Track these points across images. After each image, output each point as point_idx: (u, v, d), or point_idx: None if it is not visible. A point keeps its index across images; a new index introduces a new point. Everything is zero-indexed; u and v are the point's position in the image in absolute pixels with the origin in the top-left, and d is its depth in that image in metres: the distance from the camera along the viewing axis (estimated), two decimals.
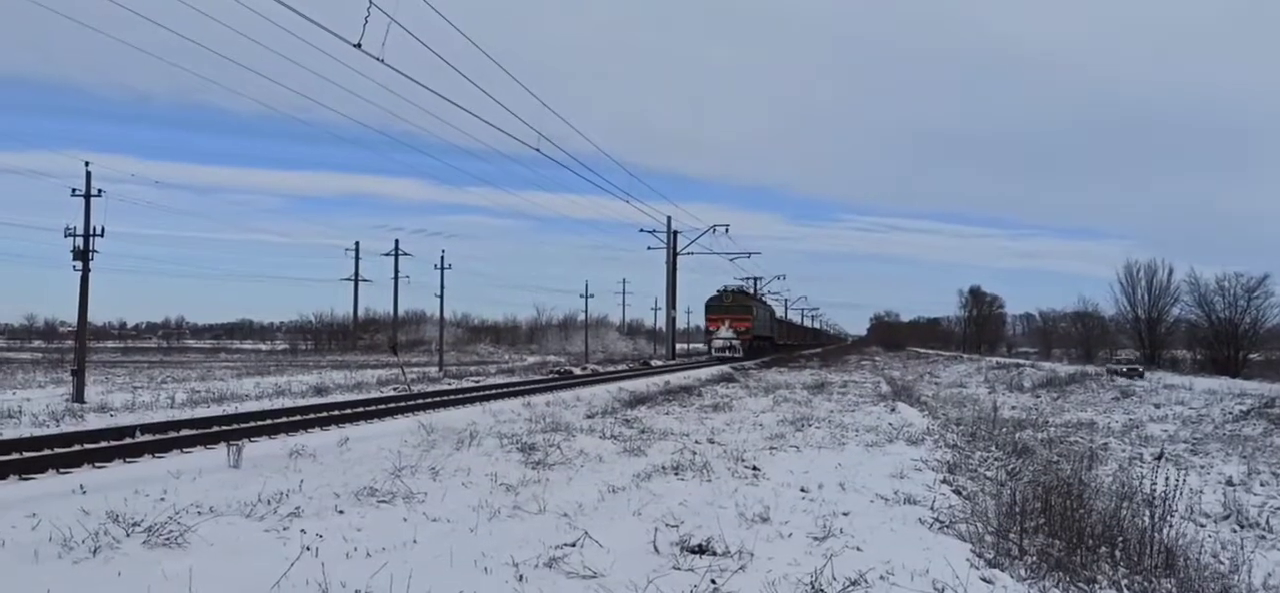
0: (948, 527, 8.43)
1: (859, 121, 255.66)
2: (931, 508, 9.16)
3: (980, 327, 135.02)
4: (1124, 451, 20.50)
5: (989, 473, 12.50)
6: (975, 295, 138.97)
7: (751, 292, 74.41)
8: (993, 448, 15.67)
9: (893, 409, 21.46)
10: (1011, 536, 8.09)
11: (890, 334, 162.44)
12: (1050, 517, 8.66)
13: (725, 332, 61.79)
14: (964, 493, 10.60)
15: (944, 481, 11.11)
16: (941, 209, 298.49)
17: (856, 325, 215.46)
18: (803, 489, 10.14)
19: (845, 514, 8.72)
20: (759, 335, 67.99)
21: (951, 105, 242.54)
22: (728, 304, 63.82)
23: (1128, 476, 14.61)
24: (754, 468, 11.54)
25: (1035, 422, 24.70)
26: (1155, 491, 9.07)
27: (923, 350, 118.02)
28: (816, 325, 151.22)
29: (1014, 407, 30.63)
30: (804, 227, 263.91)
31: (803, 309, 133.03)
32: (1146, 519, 8.66)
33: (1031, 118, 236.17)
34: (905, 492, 10.03)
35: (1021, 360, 70.93)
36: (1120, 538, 8.35)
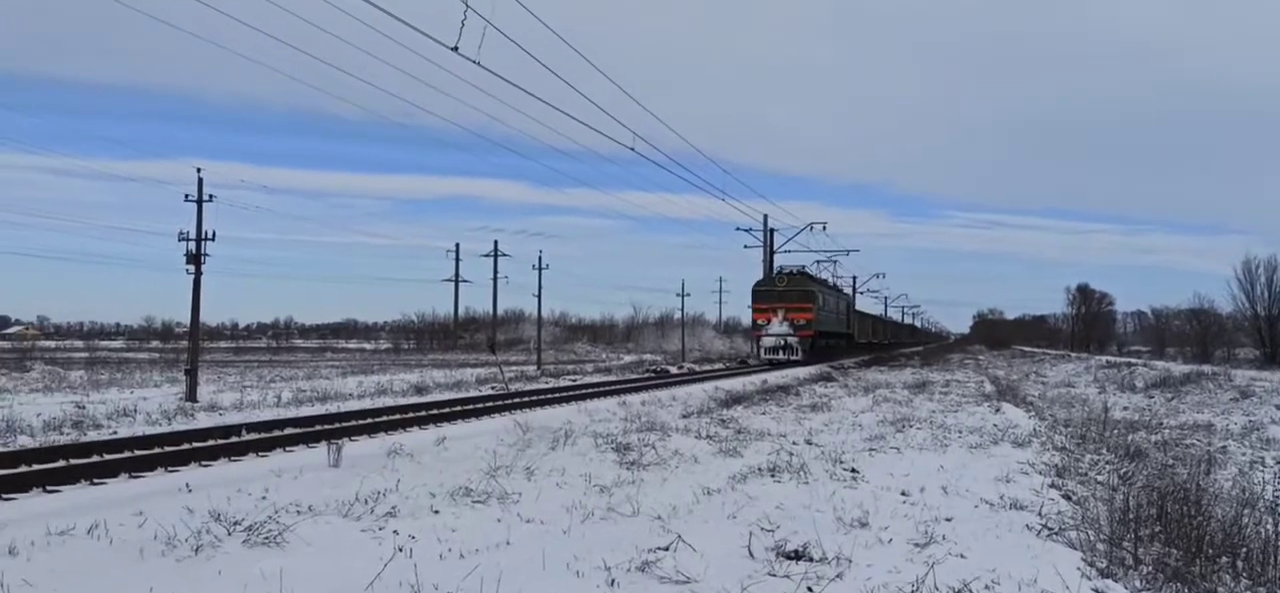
0: (1057, 534, 8.06)
1: (959, 114, 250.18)
2: (1039, 514, 8.78)
3: (1089, 325, 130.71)
4: (1244, 455, 19.50)
5: (1100, 478, 11.98)
6: (1083, 292, 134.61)
7: (817, 275, 59.48)
8: (1104, 451, 15.05)
9: (997, 410, 20.83)
10: (1125, 544, 7.70)
11: (994, 333, 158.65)
12: (1166, 524, 8.23)
13: (778, 327, 49.64)
14: (1074, 498, 10.15)
15: (1052, 485, 10.66)
16: (1047, 204, 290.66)
17: (959, 324, 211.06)
18: (903, 493, 9.84)
19: (948, 520, 8.42)
20: (827, 331, 54.98)
21: (1055, 95, 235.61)
22: (782, 290, 51.19)
23: (1249, 481, 13.88)
24: (852, 471, 11.27)
25: (1148, 424, 23.70)
26: (1279, 497, 8.56)
27: (1028, 349, 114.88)
28: (915, 324, 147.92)
29: (1125, 408, 29.48)
30: (905, 222, 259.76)
31: (903, 307, 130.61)
32: (1270, 528, 8.18)
33: (1141, 107, 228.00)
34: (1011, 497, 9.64)
35: (1133, 360, 68.37)
36: (1243, 547, 7.90)
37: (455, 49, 17.88)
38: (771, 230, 59.91)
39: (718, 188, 50.21)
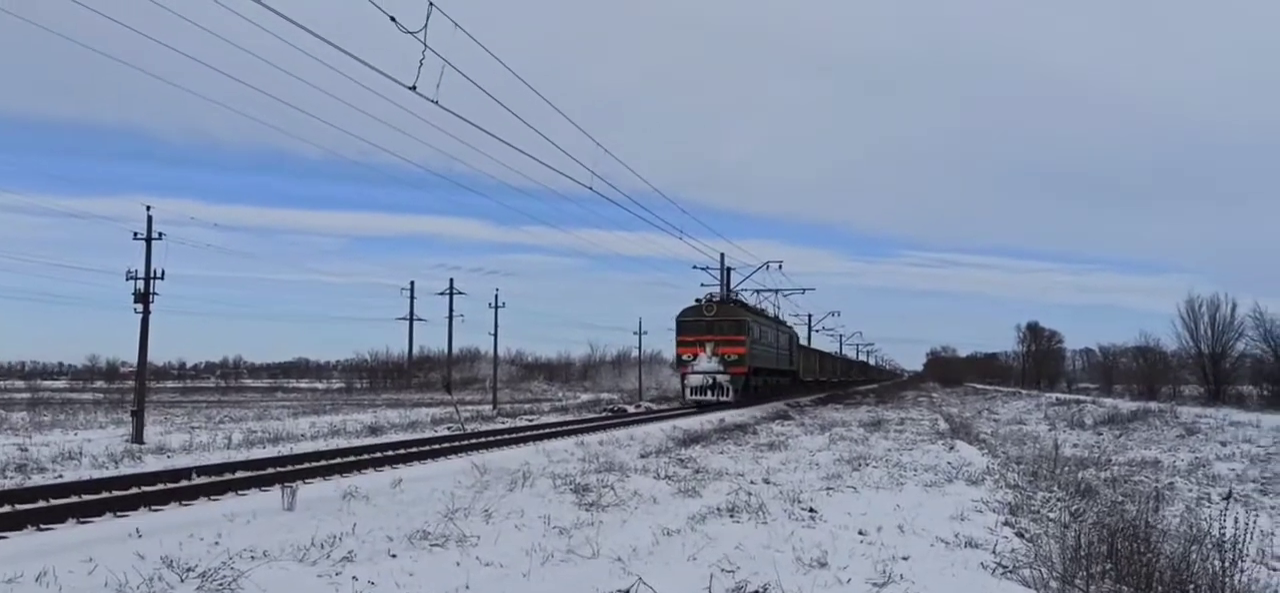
0: (1011, 572, 8.17)
1: (911, 154, 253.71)
2: (994, 552, 8.89)
3: (1039, 362, 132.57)
4: (1191, 491, 19.85)
5: (1052, 515, 12.15)
6: (1033, 330, 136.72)
7: (752, 305, 52.71)
8: (1055, 488, 15.26)
9: (951, 448, 21.06)
10: (1077, 582, 7.81)
11: (947, 370, 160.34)
12: (1117, 561, 8.36)
13: (706, 363, 42.63)
14: (1027, 536, 10.29)
15: (1006, 523, 10.80)
16: (998, 243, 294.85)
17: (913, 362, 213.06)
18: (861, 532, 9.92)
19: (905, 559, 8.50)
20: (764, 368, 48.55)
21: (1004, 135, 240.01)
22: (711, 320, 43.74)
23: (1196, 517, 14.12)
24: (811, 510, 11.33)
25: (1098, 460, 24.06)
26: (1225, 533, 8.73)
27: (981, 387, 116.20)
28: (867, 361, 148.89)
29: (1075, 445, 29.90)
30: (860, 262, 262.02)
31: (858, 344, 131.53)
32: (1217, 564, 8.33)
33: (1090, 151, 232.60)
34: (966, 535, 9.76)
35: (1082, 397, 69.47)
36: (1191, 584, 8.04)
37: (413, 88, 17.90)
38: (728, 269, 60.30)
39: (675, 227, 50.09)
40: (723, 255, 59.33)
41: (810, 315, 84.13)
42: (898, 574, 7.85)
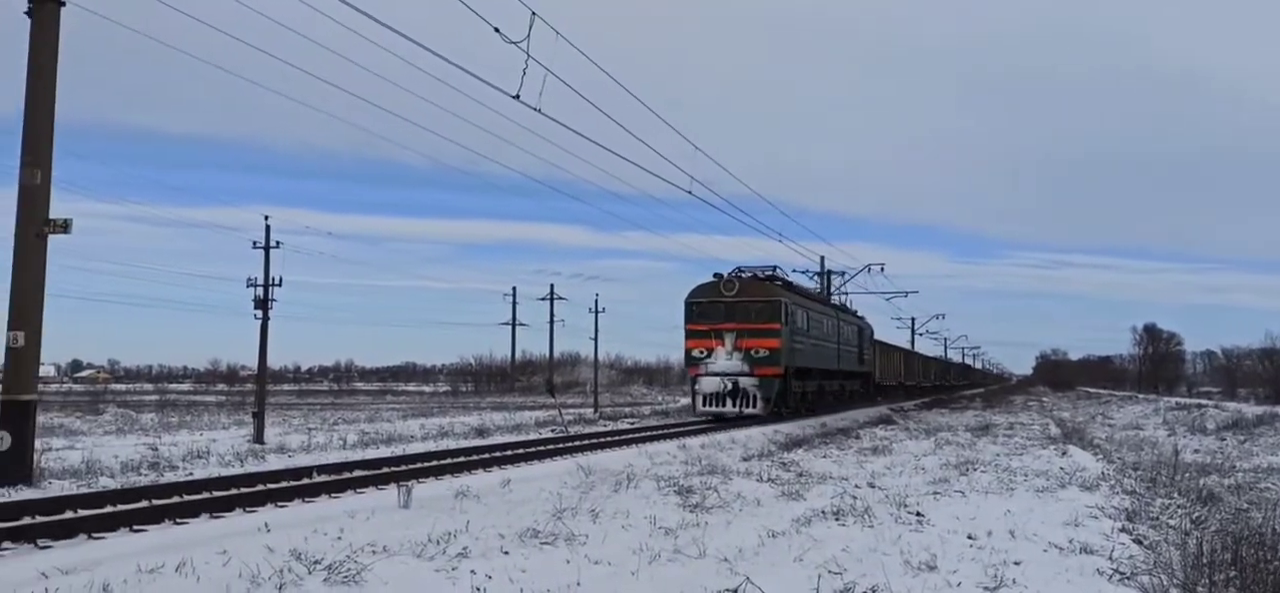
0: (1128, 579, 8.00)
1: (1020, 151, 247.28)
2: (1110, 558, 8.70)
3: (1156, 365, 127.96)
4: None
5: (1172, 522, 11.78)
6: (1150, 332, 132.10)
7: (801, 285, 40.25)
8: (1175, 495, 14.77)
9: (1063, 453, 20.54)
10: (1199, 589, 7.61)
11: (1057, 374, 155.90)
12: (1242, 570, 8.10)
13: (723, 360, 31.27)
14: (1145, 543, 10.02)
15: (1122, 529, 10.54)
16: (1111, 242, 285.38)
17: (1021, 365, 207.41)
18: (970, 537, 9.80)
19: (1017, 564, 8.38)
20: (814, 369, 36.57)
21: (1119, 131, 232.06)
22: (731, 302, 31.92)
23: None
24: (918, 514, 11.23)
25: (1221, 467, 23.14)
26: None
27: (1093, 391, 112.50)
28: (969, 364, 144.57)
29: (1196, 450, 28.79)
30: (965, 263, 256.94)
31: (963, 348, 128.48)
32: None
33: (1208, 142, 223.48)
34: (1081, 541, 9.55)
35: (1203, 401, 66.69)
36: None
37: (517, 97, 18.31)
38: (828, 272, 59.56)
39: (775, 230, 49.46)
40: (823, 258, 58.53)
41: (914, 319, 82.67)
42: (1010, 579, 7.75)
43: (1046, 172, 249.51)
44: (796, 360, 33.38)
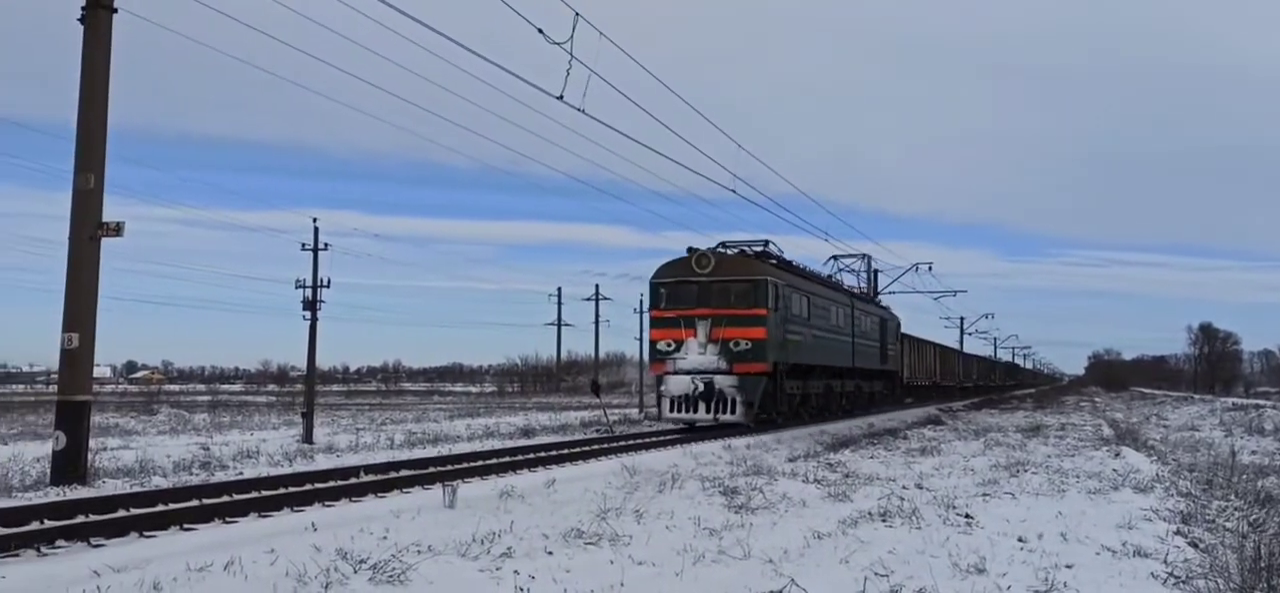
0: (1184, 582, 7.81)
1: (1072, 148, 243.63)
2: (1165, 562, 8.50)
3: (1213, 365, 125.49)
4: None
5: (1228, 525, 11.49)
6: (1206, 331, 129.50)
7: (796, 263, 31.71)
8: (1232, 497, 14.42)
9: (1117, 454, 20.16)
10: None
11: (1110, 374, 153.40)
12: None
13: (695, 354, 25.52)
14: (1201, 546, 9.78)
15: (1177, 532, 10.30)
16: (1166, 239, 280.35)
17: (1073, 365, 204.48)
18: (1021, 539, 9.63)
19: (1068, 567, 8.21)
20: (815, 365, 30.32)
21: (1174, 128, 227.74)
22: (705, 282, 26.06)
23: None
24: (966, 516, 11.07)
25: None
26: None
27: (1147, 391, 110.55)
28: (1018, 363, 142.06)
29: (1254, 452, 28.09)
30: (1015, 262, 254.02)
31: (1013, 347, 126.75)
32: None
33: (1269, 140, 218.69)
34: (1134, 544, 9.35)
35: (1261, 402, 65.22)
36: None
37: (561, 98, 18.36)
38: (876, 271, 58.78)
39: (820, 229, 48.97)
40: (868, 257, 57.83)
41: (963, 319, 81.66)
42: (1061, 582, 7.60)
43: (1100, 168, 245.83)
44: (789, 355, 27.33)
